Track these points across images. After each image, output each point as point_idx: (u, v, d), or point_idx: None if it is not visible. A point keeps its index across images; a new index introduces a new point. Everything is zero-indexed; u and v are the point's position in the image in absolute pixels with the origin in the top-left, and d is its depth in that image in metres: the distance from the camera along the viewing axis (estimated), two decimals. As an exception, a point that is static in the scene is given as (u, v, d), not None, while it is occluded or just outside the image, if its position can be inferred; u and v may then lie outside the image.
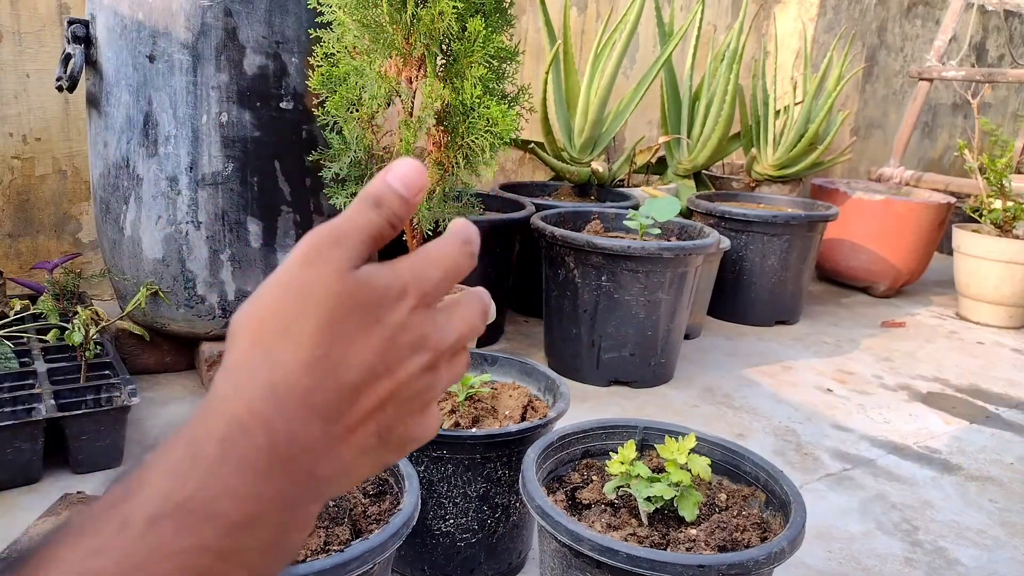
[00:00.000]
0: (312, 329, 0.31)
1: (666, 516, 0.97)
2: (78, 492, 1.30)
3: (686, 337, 2.27)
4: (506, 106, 1.46)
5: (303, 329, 0.31)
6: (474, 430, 1.13)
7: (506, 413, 1.21)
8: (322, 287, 0.31)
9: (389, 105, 1.52)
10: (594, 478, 1.06)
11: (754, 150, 2.95)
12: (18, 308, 1.67)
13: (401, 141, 1.46)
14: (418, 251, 0.35)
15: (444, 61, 1.50)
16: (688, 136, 2.86)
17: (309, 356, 0.31)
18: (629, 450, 0.98)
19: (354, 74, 1.47)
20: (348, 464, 0.33)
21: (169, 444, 0.30)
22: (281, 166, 1.65)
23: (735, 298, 2.57)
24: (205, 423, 0.30)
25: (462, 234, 0.36)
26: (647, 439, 1.11)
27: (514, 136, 1.48)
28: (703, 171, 3.01)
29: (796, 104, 2.92)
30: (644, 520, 0.96)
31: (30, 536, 1.17)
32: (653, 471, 1.00)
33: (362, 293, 0.32)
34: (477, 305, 0.37)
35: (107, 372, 1.51)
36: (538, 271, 2.09)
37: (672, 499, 0.95)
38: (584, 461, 1.09)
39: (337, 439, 0.32)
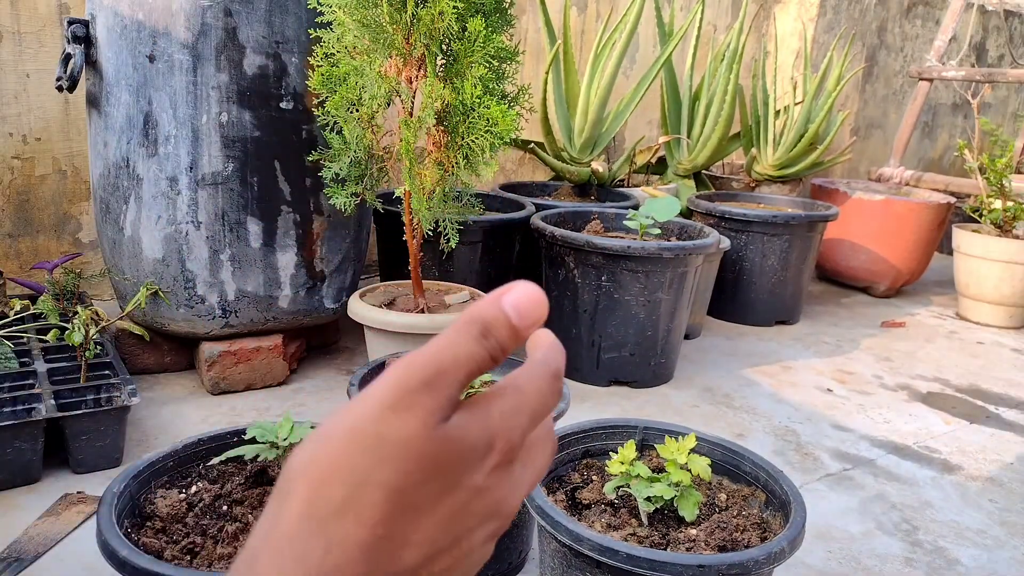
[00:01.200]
0: (380, 499, 0.27)
1: (666, 516, 0.97)
2: (78, 492, 1.30)
3: (686, 337, 2.27)
4: (506, 106, 1.46)
5: (369, 499, 0.27)
6: (474, 430, 1.13)
7: (506, 413, 1.20)
8: (402, 445, 0.27)
9: (389, 105, 1.52)
10: (594, 478, 1.06)
11: (754, 150, 2.95)
12: (18, 308, 1.67)
13: (401, 141, 1.46)
14: (509, 387, 0.31)
15: (444, 61, 1.50)
16: (688, 136, 2.86)
17: (370, 536, 0.27)
18: (629, 450, 0.98)
19: (354, 74, 1.47)
20: None
21: None
22: (281, 166, 1.65)
23: (735, 298, 2.57)
24: None
25: (553, 365, 0.32)
26: (647, 439, 1.11)
27: (514, 136, 1.48)
28: (703, 171, 3.01)
29: (796, 104, 2.92)
30: (644, 520, 0.96)
31: (29, 536, 1.17)
32: (653, 471, 1.00)
33: (446, 453, 0.28)
34: (550, 448, 0.34)
35: (107, 372, 1.51)
36: (538, 271, 2.09)
37: (672, 499, 0.95)
38: (584, 461, 1.09)
39: None
